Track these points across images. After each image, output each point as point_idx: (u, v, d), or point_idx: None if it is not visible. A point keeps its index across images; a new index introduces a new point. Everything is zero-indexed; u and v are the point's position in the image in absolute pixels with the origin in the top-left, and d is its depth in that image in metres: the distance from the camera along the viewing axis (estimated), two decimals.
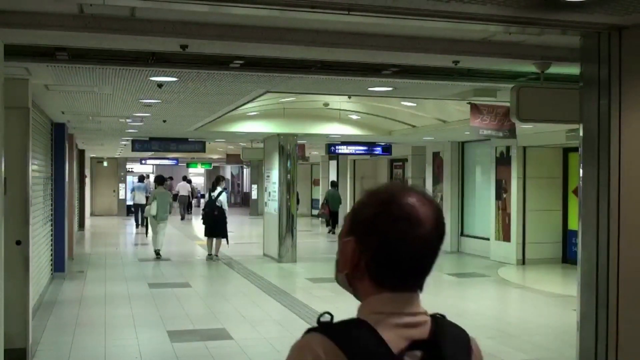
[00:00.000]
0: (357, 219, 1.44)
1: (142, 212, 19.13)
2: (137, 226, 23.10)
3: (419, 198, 1.42)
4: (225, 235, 14.35)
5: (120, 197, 30.79)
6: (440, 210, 1.47)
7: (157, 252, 14.73)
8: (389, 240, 1.38)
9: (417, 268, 1.43)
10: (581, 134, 5.17)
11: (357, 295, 1.47)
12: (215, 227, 14.24)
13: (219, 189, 14.58)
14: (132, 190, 25.03)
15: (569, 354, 6.36)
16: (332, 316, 1.38)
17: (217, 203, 14.41)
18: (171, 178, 29.07)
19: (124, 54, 5.91)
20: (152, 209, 14.45)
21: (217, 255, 14.47)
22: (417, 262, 1.42)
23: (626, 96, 4.74)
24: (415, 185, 1.51)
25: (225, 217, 14.43)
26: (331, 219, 21.38)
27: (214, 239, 14.42)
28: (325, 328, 1.36)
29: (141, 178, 24.84)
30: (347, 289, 1.49)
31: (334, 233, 20.64)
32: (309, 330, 1.38)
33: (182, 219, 28.23)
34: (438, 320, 1.43)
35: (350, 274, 1.45)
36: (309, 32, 5.06)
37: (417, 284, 1.44)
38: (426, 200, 1.44)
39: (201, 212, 14.41)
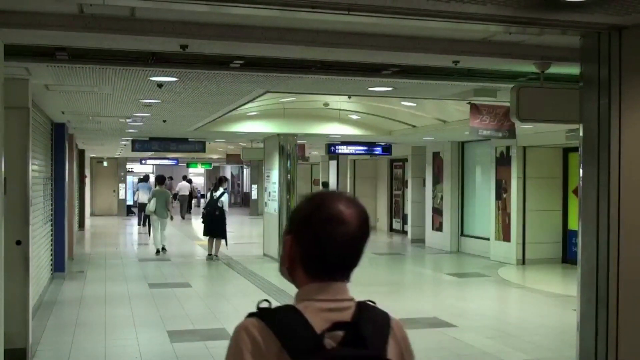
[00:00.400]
0: (294, 220, 1.67)
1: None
2: (139, 224, 23.29)
3: (345, 203, 1.64)
4: (224, 236, 14.43)
5: (121, 197, 30.81)
6: (365, 213, 1.66)
7: (158, 251, 15.17)
8: (319, 238, 1.61)
9: (342, 262, 1.65)
10: (581, 134, 5.17)
11: (296, 285, 1.70)
12: (215, 227, 14.35)
13: (221, 189, 14.70)
14: (136, 189, 25.41)
15: (569, 354, 6.36)
16: (270, 303, 1.60)
17: (218, 204, 14.47)
18: (171, 178, 29.15)
19: (124, 54, 5.91)
20: (151, 206, 15.08)
21: (217, 255, 14.51)
22: (342, 256, 1.64)
23: (626, 96, 4.74)
24: (345, 192, 1.75)
25: (224, 218, 14.54)
26: None
27: (214, 239, 14.48)
28: (262, 313, 1.57)
29: (145, 178, 25.07)
30: (288, 280, 1.72)
31: None
32: (249, 315, 1.59)
33: (183, 218, 28.41)
34: (362, 305, 1.65)
35: (289, 267, 1.69)
36: (309, 32, 5.06)
37: (343, 276, 1.67)
38: (352, 205, 1.64)
39: (202, 211, 14.54)
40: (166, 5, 4.13)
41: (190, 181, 32.12)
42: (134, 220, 27.41)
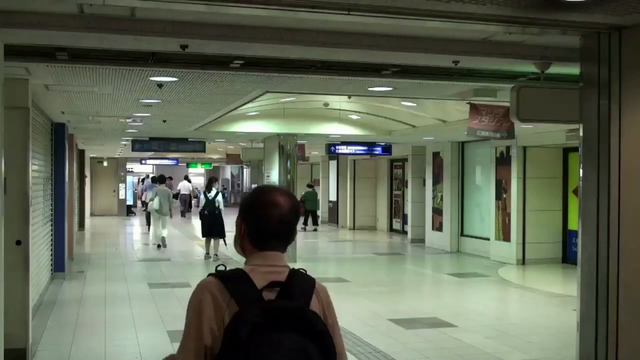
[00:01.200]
0: (243, 206, 2.18)
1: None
2: (148, 224, 23.33)
3: (280, 193, 2.17)
4: (223, 235, 14.45)
5: (121, 197, 30.82)
6: (295, 201, 2.18)
7: (159, 245, 16.18)
8: (260, 218, 2.13)
9: (278, 236, 2.15)
10: (581, 134, 5.17)
11: (245, 257, 2.17)
12: (215, 227, 14.41)
13: (214, 190, 14.77)
14: (144, 189, 26.54)
15: (569, 354, 6.36)
16: (225, 267, 2.09)
17: (215, 204, 14.55)
18: (170, 178, 29.37)
19: (124, 54, 5.91)
20: (155, 204, 16.19)
21: (216, 255, 14.57)
22: (277, 232, 2.14)
23: (626, 96, 4.74)
24: (282, 186, 2.40)
25: (222, 218, 14.60)
26: (307, 217, 22.93)
27: (212, 240, 14.58)
28: (218, 273, 2.07)
29: (153, 179, 25.47)
30: (241, 254, 2.19)
31: (305, 230, 22.19)
32: (209, 275, 2.06)
33: (183, 216, 28.83)
34: (294, 271, 2.13)
35: (240, 243, 2.19)
36: (309, 32, 5.06)
37: (279, 247, 2.16)
38: (285, 194, 2.17)
39: (199, 212, 14.79)
40: (166, 5, 4.13)
41: (189, 181, 32.43)
42: (134, 220, 27.41)
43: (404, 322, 8.37)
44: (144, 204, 23.91)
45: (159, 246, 16.28)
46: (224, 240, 14.40)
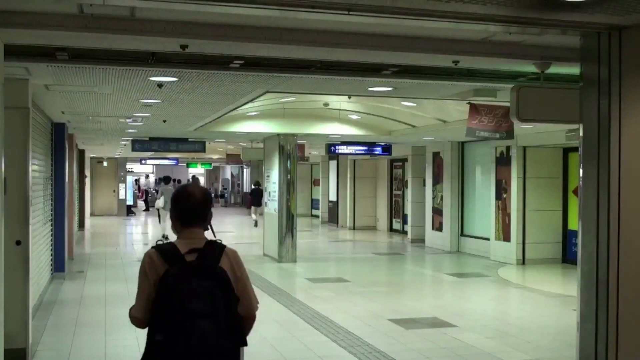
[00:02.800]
0: (172, 199, 3.12)
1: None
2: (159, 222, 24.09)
3: (195, 188, 3.16)
4: (212, 230, 14.66)
5: (120, 197, 30.83)
6: (206, 193, 3.15)
7: (164, 236, 16.55)
8: (180, 205, 3.08)
9: (195, 217, 3.06)
10: (581, 134, 5.17)
11: (177, 234, 3.07)
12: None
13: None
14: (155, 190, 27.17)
15: (569, 354, 6.36)
16: (163, 240, 3.04)
17: None
18: (175, 180, 29.69)
19: (124, 54, 5.91)
20: (160, 203, 18.46)
21: None
22: (194, 214, 3.06)
23: (626, 96, 4.74)
24: (197, 184, 3.51)
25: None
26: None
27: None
28: (157, 246, 2.99)
29: (167, 179, 26.81)
30: (175, 233, 3.08)
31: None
32: (151, 247, 2.98)
33: None
34: (209, 241, 3.03)
35: (173, 225, 3.10)
36: (309, 32, 5.06)
37: (197, 225, 3.06)
38: (198, 189, 3.16)
39: None
40: (166, 5, 4.13)
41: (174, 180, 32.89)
42: (134, 220, 27.44)
43: (404, 322, 8.37)
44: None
45: (163, 236, 16.73)
46: (213, 233, 14.63)
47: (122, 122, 12.51)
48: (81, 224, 21.17)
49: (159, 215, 23.76)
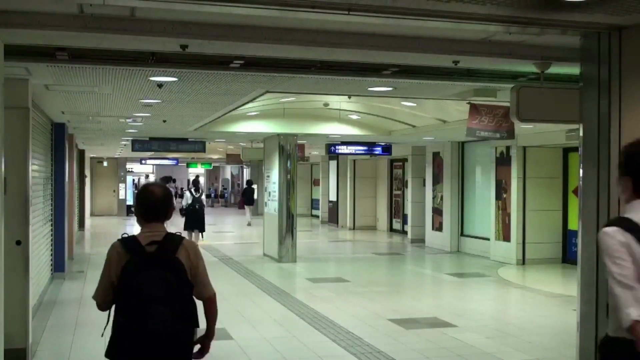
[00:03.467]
0: (135, 197, 3.62)
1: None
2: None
3: (156, 186, 3.51)
4: (203, 229, 16.02)
5: (120, 197, 30.83)
6: (167, 191, 3.52)
7: None
8: (142, 202, 3.44)
9: (156, 213, 3.42)
10: (581, 134, 5.17)
11: (141, 228, 3.43)
12: (197, 222, 15.78)
13: (200, 190, 16.70)
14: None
15: (569, 354, 6.36)
16: (127, 234, 3.38)
17: (198, 202, 15.96)
18: (174, 180, 29.76)
19: (124, 54, 5.91)
20: None
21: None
22: (155, 210, 3.42)
23: (626, 96, 4.74)
24: (158, 183, 3.99)
25: (204, 214, 16.12)
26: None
27: (194, 232, 15.71)
28: (121, 239, 3.36)
29: (168, 179, 29.19)
30: (140, 226, 3.44)
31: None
32: (117, 240, 3.36)
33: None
34: (169, 234, 3.38)
35: (137, 220, 3.45)
36: (309, 32, 5.06)
37: (158, 220, 3.41)
38: (159, 187, 3.51)
39: (185, 209, 16.13)
40: (166, 5, 4.14)
41: (174, 180, 33.26)
42: (134, 220, 27.46)
43: (404, 322, 8.37)
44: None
45: None
46: (202, 234, 16.01)
47: (122, 122, 12.51)
48: (81, 224, 21.17)
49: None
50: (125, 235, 3.37)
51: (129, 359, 3.38)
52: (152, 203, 3.40)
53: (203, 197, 16.90)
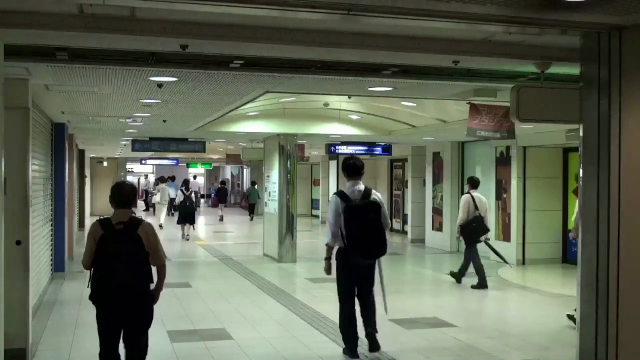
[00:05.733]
0: (110, 190, 5.13)
1: (174, 204, 25.85)
2: (169, 214, 26.53)
3: (125, 184, 5.29)
4: (194, 222, 19.80)
5: None
6: (133, 186, 5.35)
7: (160, 225, 21.33)
8: (115, 194, 5.09)
9: (125, 202, 5.07)
10: (581, 134, 5.18)
11: (113, 212, 5.05)
12: (189, 215, 19.31)
13: (190, 188, 20.04)
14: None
15: (569, 354, 6.36)
16: (102, 217, 5.08)
17: (188, 200, 19.33)
18: (172, 178, 29.78)
19: (124, 54, 5.91)
20: (157, 198, 22.54)
21: (188, 235, 19.07)
22: (124, 200, 5.08)
23: (626, 96, 4.74)
24: (127, 180, 6.26)
25: (194, 208, 19.97)
26: (249, 209, 28.75)
27: (186, 225, 19.24)
28: (99, 220, 5.01)
29: (172, 178, 30.11)
30: (114, 210, 5.07)
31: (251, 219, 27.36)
32: (96, 220, 5.04)
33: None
34: (133, 217, 5.02)
35: (113, 206, 5.06)
36: (309, 32, 5.07)
37: (126, 207, 5.07)
38: (127, 184, 5.32)
39: (177, 205, 19.69)
40: (166, 5, 4.14)
41: (173, 179, 32.89)
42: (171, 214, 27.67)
43: (404, 322, 8.36)
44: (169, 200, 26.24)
45: (160, 226, 21.18)
46: (193, 226, 19.91)
47: (122, 122, 12.51)
48: (81, 224, 21.16)
49: (154, 208, 26.37)
50: (102, 217, 5.03)
51: (103, 301, 4.92)
52: (122, 194, 5.04)
53: (192, 195, 20.15)
